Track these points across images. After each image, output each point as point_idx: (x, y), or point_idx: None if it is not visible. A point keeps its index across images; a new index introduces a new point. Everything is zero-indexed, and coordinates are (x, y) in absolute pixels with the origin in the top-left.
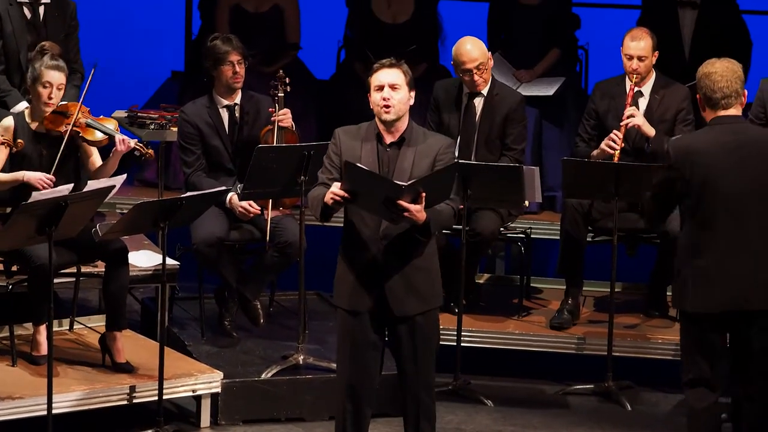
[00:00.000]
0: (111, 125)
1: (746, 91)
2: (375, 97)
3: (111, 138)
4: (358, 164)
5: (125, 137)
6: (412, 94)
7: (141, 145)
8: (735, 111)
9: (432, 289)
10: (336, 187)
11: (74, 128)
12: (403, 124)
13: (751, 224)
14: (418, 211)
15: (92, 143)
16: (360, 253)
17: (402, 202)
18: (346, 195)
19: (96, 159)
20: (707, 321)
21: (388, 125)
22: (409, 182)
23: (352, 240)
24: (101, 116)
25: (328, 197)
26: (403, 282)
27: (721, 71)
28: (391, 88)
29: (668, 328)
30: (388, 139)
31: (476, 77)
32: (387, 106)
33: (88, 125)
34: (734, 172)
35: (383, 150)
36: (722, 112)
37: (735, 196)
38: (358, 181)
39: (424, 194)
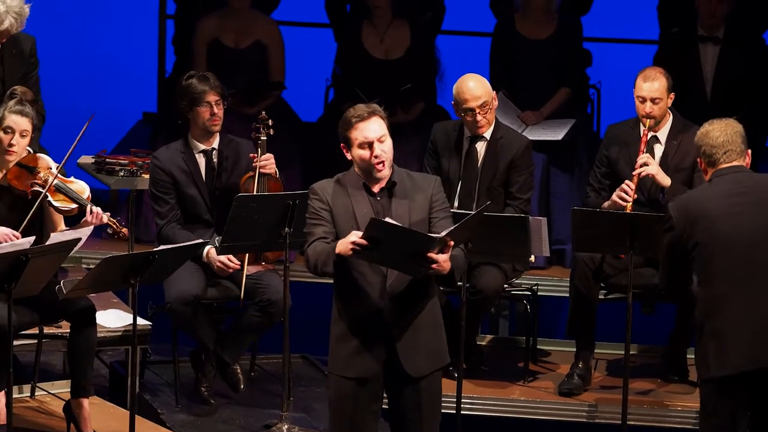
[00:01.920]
0: (83, 190)
1: (750, 151)
2: (362, 155)
3: (81, 207)
4: (387, 219)
5: (98, 210)
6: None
7: (114, 221)
8: (738, 163)
9: (441, 345)
10: (356, 236)
11: (41, 189)
12: (390, 169)
13: (762, 275)
14: (445, 261)
15: (60, 211)
16: (363, 313)
17: (432, 254)
18: (367, 244)
19: (62, 227)
20: (729, 384)
21: (377, 177)
22: (444, 233)
23: (353, 299)
24: (71, 177)
25: (347, 247)
26: (413, 337)
27: (720, 128)
28: (379, 142)
29: (688, 394)
30: (376, 187)
31: (479, 117)
32: (381, 163)
33: (58, 189)
34: (740, 222)
35: (374, 200)
36: (724, 165)
37: (744, 246)
38: (382, 236)
39: (452, 244)
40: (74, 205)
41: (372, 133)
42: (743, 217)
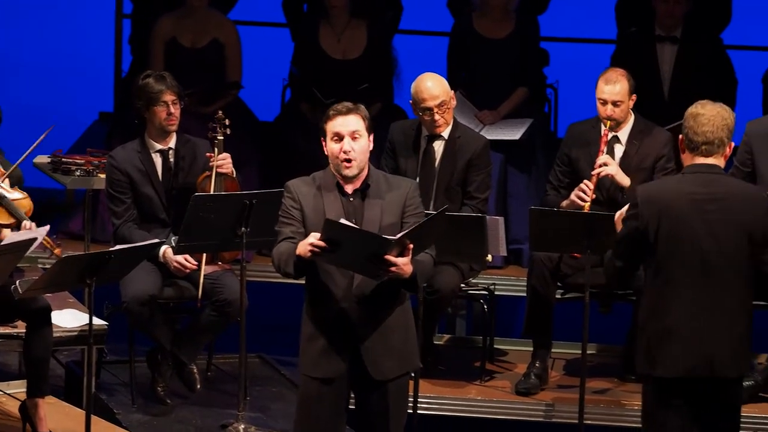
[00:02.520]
0: (25, 206)
1: (732, 143)
2: (333, 148)
3: (18, 221)
4: (341, 220)
5: (33, 225)
6: (371, 138)
7: (49, 239)
8: (715, 160)
9: (409, 347)
10: (314, 238)
11: None
12: (364, 172)
13: (717, 284)
14: (405, 264)
15: None
16: (330, 314)
17: (390, 257)
18: (325, 246)
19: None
20: (675, 386)
21: (349, 177)
22: (399, 235)
23: (320, 300)
24: (15, 187)
25: (306, 249)
26: (381, 340)
27: (709, 115)
28: (351, 138)
29: None
30: (350, 188)
31: (437, 117)
32: (348, 160)
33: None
34: (703, 228)
35: (347, 201)
36: (701, 160)
37: (703, 254)
38: (339, 238)
39: (411, 246)
40: (12, 220)
41: (345, 127)
42: (707, 225)
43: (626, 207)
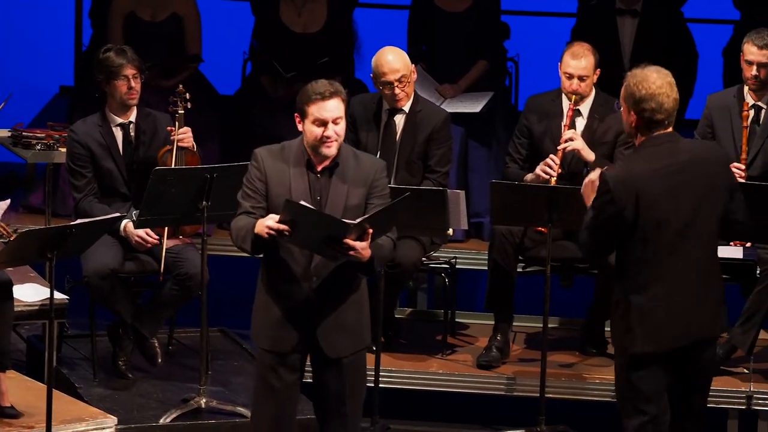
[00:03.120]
0: None
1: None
2: (314, 132)
3: None
4: (302, 202)
5: None
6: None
7: (3, 225)
8: (670, 128)
9: (363, 324)
10: (272, 220)
11: None
12: (337, 150)
13: (692, 253)
14: (363, 248)
15: None
16: (287, 290)
17: (348, 241)
18: (284, 228)
19: None
20: (656, 361)
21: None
22: (359, 220)
23: (277, 275)
24: None
25: (263, 230)
26: (335, 319)
27: (664, 90)
28: (334, 123)
29: (606, 367)
30: (319, 165)
31: (398, 91)
32: (329, 141)
33: None
34: (677, 199)
35: (314, 178)
36: (659, 133)
37: (678, 225)
38: (298, 219)
39: (371, 231)
40: None
41: (329, 113)
42: (679, 196)
43: (593, 175)
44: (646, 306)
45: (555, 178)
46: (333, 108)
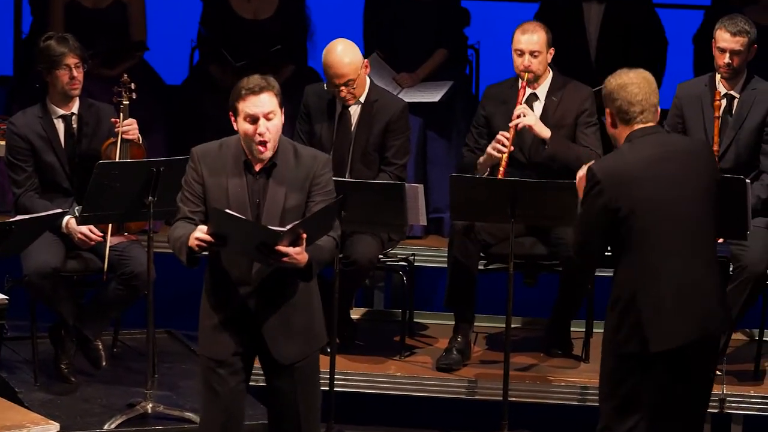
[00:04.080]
0: None
1: (659, 108)
2: (246, 129)
3: None
4: (227, 210)
5: None
6: (283, 111)
7: None
8: (652, 123)
9: (313, 328)
10: (201, 232)
11: None
12: (273, 150)
13: (691, 243)
14: (298, 254)
15: None
16: (230, 295)
17: (280, 247)
18: (212, 240)
19: None
20: (657, 360)
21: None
22: (289, 227)
23: (219, 280)
24: None
25: (193, 242)
26: (283, 324)
27: (638, 82)
28: (265, 119)
29: (572, 369)
30: (258, 165)
31: (344, 94)
32: (264, 143)
33: None
34: (669, 188)
35: (252, 179)
36: (640, 126)
37: (678, 213)
38: (226, 227)
39: (305, 235)
40: None
41: (259, 108)
42: (674, 183)
43: (582, 171)
44: (659, 303)
45: (506, 156)
46: (264, 102)
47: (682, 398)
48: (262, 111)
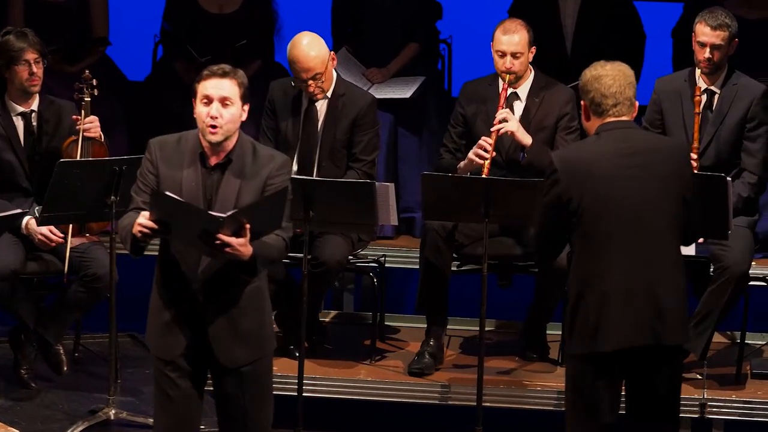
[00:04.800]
0: None
1: (637, 103)
2: (200, 111)
3: None
4: (167, 192)
5: None
6: (246, 108)
7: None
8: (626, 117)
9: (263, 331)
10: (144, 218)
11: None
12: (230, 143)
13: (649, 244)
14: (241, 245)
15: None
16: (177, 293)
17: (222, 236)
18: (155, 226)
19: None
20: (607, 360)
21: (213, 145)
22: (229, 213)
23: (167, 276)
24: None
25: (136, 228)
26: (230, 326)
27: (613, 74)
28: (221, 104)
29: (548, 373)
30: (213, 159)
31: (312, 89)
32: (214, 126)
33: None
34: (629, 186)
35: (207, 173)
36: (612, 119)
37: (631, 213)
38: (167, 212)
39: (248, 226)
40: None
41: (216, 91)
42: (632, 181)
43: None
44: (602, 301)
45: (488, 163)
46: (223, 87)
47: (639, 409)
48: (218, 94)
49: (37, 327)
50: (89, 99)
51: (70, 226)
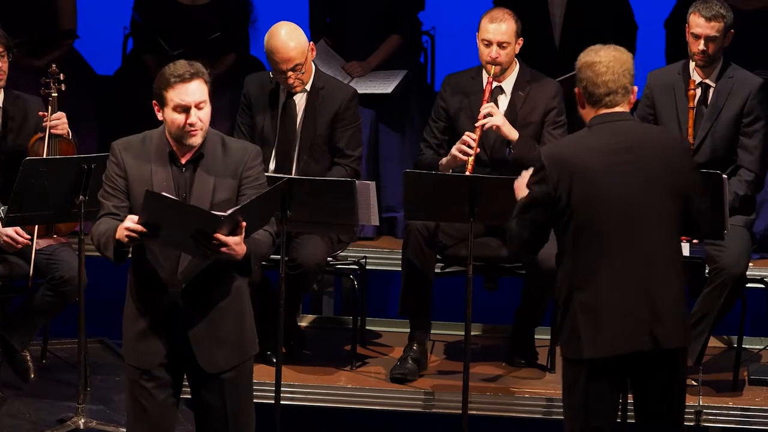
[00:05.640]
0: None
1: (636, 88)
2: (176, 120)
3: None
4: (164, 194)
5: None
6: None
7: None
8: (620, 108)
9: (244, 335)
10: (132, 221)
11: None
12: (203, 138)
13: (644, 243)
14: (237, 244)
15: None
16: (154, 298)
17: (219, 236)
18: (143, 230)
19: None
20: (602, 366)
21: (185, 144)
22: (230, 212)
23: (143, 282)
24: None
25: (122, 233)
26: (211, 330)
27: (606, 61)
28: (197, 108)
29: (537, 379)
30: (183, 157)
31: (291, 80)
32: (194, 130)
33: None
34: (619, 183)
35: (178, 172)
36: (605, 111)
37: (622, 211)
38: (162, 214)
39: (244, 224)
40: None
41: (191, 97)
42: (623, 178)
43: (527, 172)
44: (590, 304)
45: (473, 159)
46: (195, 91)
47: (643, 415)
48: (193, 100)
49: (2, 333)
50: (56, 94)
51: (37, 227)
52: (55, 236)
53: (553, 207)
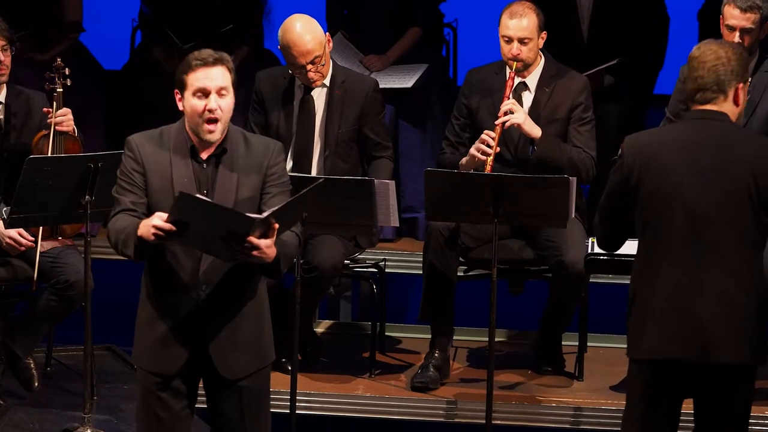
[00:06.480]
0: None
1: (742, 85)
2: (195, 106)
3: None
4: (198, 195)
5: None
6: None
7: None
8: (714, 106)
9: (263, 341)
10: (159, 219)
11: None
12: (223, 133)
13: (712, 250)
14: (268, 246)
15: None
16: (174, 301)
17: (252, 239)
18: (174, 229)
19: None
20: (660, 373)
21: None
22: (265, 214)
23: (161, 284)
24: None
25: (148, 231)
26: (230, 336)
27: (703, 57)
28: (218, 95)
29: (564, 387)
30: (205, 153)
31: (311, 74)
32: (213, 121)
33: None
34: (695, 180)
35: (199, 167)
36: (697, 107)
37: (694, 211)
38: (193, 215)
39: (277, 226)
40: None
41: (212, 81)
42: (698, 178)
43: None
44: (648, 306)
45: (492, 158)
46: (217, 76)
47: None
48: (215, 85)
49: (4, 339)
50: (61, 89)
51: (41, 228)
52: (60, 238)
53: (631, 194)
